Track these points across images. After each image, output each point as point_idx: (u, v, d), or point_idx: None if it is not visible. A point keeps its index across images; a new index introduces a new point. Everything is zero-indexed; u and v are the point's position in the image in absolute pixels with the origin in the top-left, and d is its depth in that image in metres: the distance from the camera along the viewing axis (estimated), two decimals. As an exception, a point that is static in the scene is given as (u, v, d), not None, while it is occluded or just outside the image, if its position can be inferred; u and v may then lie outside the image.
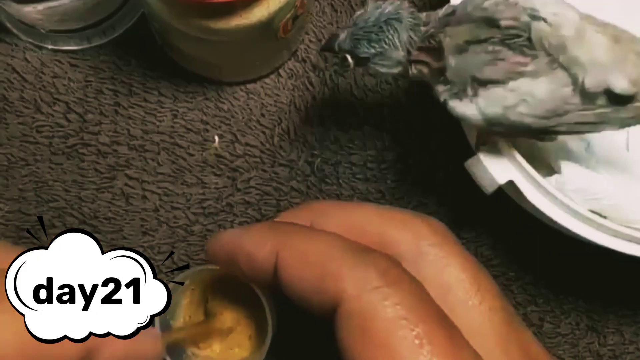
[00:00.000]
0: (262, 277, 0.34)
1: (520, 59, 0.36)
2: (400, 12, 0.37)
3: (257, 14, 0.40)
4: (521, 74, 0.36)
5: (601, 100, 0.36)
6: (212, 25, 0.40)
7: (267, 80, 0.49)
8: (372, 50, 0.38)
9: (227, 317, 0.39)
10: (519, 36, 0.36)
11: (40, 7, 0.45)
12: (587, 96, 0.36)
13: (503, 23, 0.36)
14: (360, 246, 0.32)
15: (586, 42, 0.36)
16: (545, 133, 0.38)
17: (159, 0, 0.41)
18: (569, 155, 0.46)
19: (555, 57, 0.36)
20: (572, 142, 0.46)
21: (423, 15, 0.38)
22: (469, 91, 0.37)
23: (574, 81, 0.36)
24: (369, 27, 0.37)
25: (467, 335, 0.31)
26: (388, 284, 0.30)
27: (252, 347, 0.39)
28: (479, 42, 0.36)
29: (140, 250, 0.47)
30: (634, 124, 0.38)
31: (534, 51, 0.36)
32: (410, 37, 0.38)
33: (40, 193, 0.47)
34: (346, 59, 0.39)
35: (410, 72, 0.39)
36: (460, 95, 0.37)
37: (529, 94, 0.36)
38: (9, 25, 0.48)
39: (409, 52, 0.38)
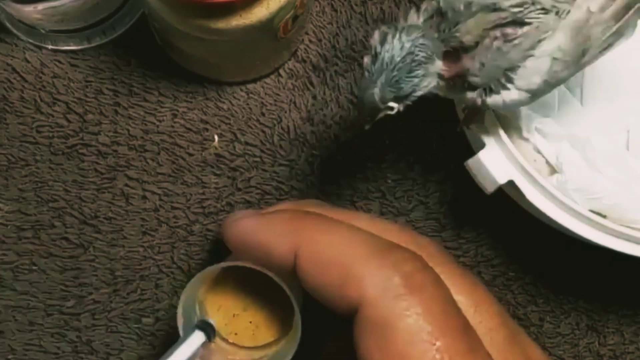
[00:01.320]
0: (280, 271, 0.34)
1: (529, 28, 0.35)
2: (413, 30, 0.35)
3: (257, 14, 0.40)
4: (540, 41, 0.35)
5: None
6: (212, 25, 0.40)
7: (267, 80, 0.49)
8: (416, 79, 0.35)
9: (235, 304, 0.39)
10: (521, 6, 0.35)
11: (40, 7, 0.45)
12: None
13: (506, 4, 0.35)
14: (384, 244, 0.31)
15: None
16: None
17: (159, 0, 0.41)
18: (570, 155, 0.46)
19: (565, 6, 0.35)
20: (574, 139, 0.46)
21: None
22: (503, 80, 0.36)
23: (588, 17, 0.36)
24: (401, 60, 0.35)
25: None
26: (411, 291, 0.29)
27: (274, 332, 0.38)
28: (494, 28, 0.35)
29: (141, 250, 0.47)
30: None
31: (540, 11, 0.35)
32: (434, 43, 0.35)
33: (40, 193, 0.47)
34: (388, 107, 0.36)
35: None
36: (495, 89, 0.36)
37: (557, 49, 0.35)
38: (9, 25, 0.48)
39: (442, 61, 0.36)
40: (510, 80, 0.36)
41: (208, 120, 0.48)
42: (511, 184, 0.41)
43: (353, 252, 0.31)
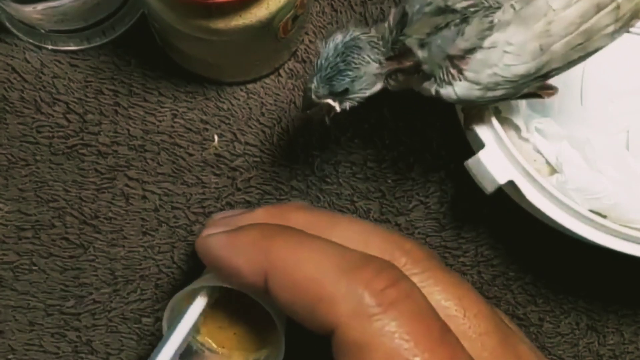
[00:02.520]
0: (254, 293, 0.33)
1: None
2: (352, 34, 0.37)
3: (257, 14, 0.40)
4: (491, 29, 0.36)
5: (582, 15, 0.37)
6: (212, 25, 0.40)
7: (267, 80, 0.49)
8: (347, 79, 0.37)
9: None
10: (476, 11, 0.36)
11: (40, 7, 0.45)
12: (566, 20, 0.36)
13: (459, 6, 0.36)
14: (356, 259, 0.30)
15: None
16: (543, 77, 0.38)
17: (159, 1, 0.41)
18: (570, 155, 0.46)
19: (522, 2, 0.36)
20: (574, 139, 0.46)
21: (372, 29, 0.38)
22: (453, 71, 0.37)
23: (546, 12, 0.36)
24: (332, 61, 0.37)
25: None
26: (384, 309, 0.29)
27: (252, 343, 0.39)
28: (440, 29, 0.36)
29: (141, 250, 0.47)
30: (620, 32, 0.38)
31: (495, 10, 0.36)
32: (374, 49, 0.37)
33: (40, 193, 0.47)
34: (329, 105, 0.38)
35: (389, 85, 0.39)
36: (447, 80, 0.37)
37: (506, 43, 0.36)
38: (8, 25, 0.48)
39: (380, 63, 0.38)
40: (460, 71, 0.37)
41: (208, 120, 0.48)
42: (511, 184, 0.41)
43: (323, 273, 0.30)
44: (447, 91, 0.38)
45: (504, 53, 0.36)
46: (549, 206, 0.41)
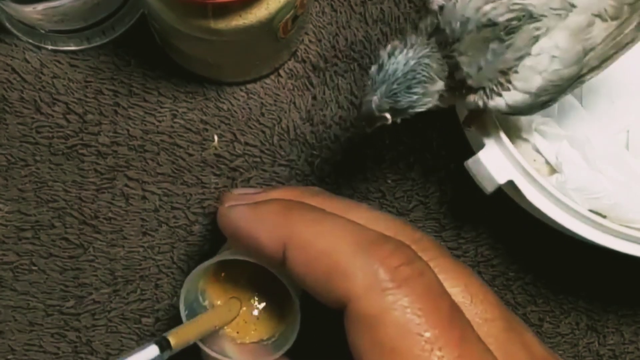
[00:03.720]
0: (272, 264, 0.34)
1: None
2: (423, 50, 0.36)
3: (257, 14, 0.40)
4: (537, 38, 0.36)
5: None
6: (212, 25, 0.40)
7: (267, 80, 0.49)
8: (414, 97, 0.36)
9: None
10: (519, 19, 0.35)
11: (40, 7, 0.45)
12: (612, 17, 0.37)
13: (501, 19, 0.35)
14: (373, 236, 0.31)
15: None
16: (581, 79, 0.38)
17: (159, 1, 0.41)
18: (570, 154, 0.46)
19: (567, 11, 0.36)
20: (574, 139, 0.46)
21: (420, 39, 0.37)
22: (503, 82, 0.36)
23: (592, 20, 0.36)
24: (403, 76, 0.36)
25: None
26: (398, 285, 0.29)
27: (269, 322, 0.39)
28: (488, 41, 0.36)
29: (140, 250, 0.47)
30: None
31: (538, 21, 0.36)
32: (442, 66, 0.36)
33: (40, 193, 0.47)
34: (384, 118, 0.37)
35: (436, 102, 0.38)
36: (496, 90, 0.37)
37: (554, 47, 0.36)
38: (8, 25, 0.48)
39: (444, 81, 0.37)
40: (509, 81, 0.36)
41: (208, 121, 0.48)
42: (511, 183, 0.41)
43: (340, 247, 0.31)
44: (496, 103, 0.37)
45: (552, 58, 0.36)
46: (548, 206, 0.41)
